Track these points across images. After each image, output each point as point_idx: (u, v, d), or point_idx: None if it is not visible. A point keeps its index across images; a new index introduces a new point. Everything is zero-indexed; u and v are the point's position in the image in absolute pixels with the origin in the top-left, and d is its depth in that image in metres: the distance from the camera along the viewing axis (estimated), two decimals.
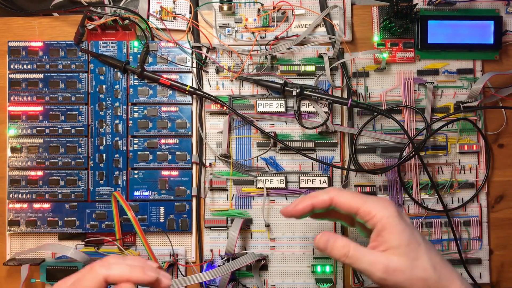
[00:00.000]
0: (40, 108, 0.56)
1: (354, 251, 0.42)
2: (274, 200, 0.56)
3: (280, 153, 0.57)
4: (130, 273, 0.39)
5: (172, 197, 0.56)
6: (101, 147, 0.56)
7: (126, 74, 0.56)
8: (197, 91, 0.55)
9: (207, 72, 0.57)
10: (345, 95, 0.56)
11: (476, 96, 0.56)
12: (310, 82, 0.57)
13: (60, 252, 0.54)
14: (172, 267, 0.55)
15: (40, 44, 0.56)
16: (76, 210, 0.55)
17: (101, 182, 0.56)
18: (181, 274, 0.55)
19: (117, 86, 0.56)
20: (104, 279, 0.38)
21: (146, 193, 0.56)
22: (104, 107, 0.56)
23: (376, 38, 0.57)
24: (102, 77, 0.56)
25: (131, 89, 0.56)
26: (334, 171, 0.56)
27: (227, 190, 0.56)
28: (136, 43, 0.56)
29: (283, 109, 0.56)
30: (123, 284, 0.39)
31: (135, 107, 0.56)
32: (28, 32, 0.58)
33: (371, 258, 0.42)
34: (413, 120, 0.56)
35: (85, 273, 0.39)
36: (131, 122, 0.56)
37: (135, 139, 0.56)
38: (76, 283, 0.39)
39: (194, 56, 0.56)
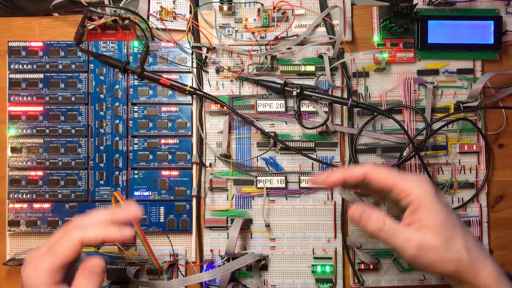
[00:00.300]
0: (40, 108, 0.56)
1: (390, 226, 0.42)
2: (274, 200, 0.56)
3: (280, 153, 0.57)
4: (105, 233, 0.39)
5: (172, 197, 0.56)
6: (101, 147, 0.56)
7: (126, 74, 0.56)
8: (197, 91, 0.55)
9: (207, 72, 0.57)
10: (345, 95, 0.56)
11: (476, 96, 0.56)
12: (310, 82, 0.57)
13: None
14: (172, 267, 0.55)
15: (40, 44, 0.56)
16: (76, 210, 0.55)
17: (101, 182, 0.56)
18: (181, 274, 0.55)
19: (117, 86, 0.56)
20: (79, 242, 0.38)
21: (146, 193, 0.56)
22: (104, 107, 0.56)
23: (376, 38, 0.57)
24: (102, 77, 0.56)
25: (131, 89, 0.56)
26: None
27: (227, 190, 0.56)
28: (136, 43, 0.56)
29: (283, 109, 0.56)
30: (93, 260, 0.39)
31: (135, 107, 0.56)
32: (28, 32, 0.58)
33: (405, 234, 0.41)
34: (413, 120, 0.56)
35: (59, 238, 0.39)
36: (131, 122, 0.56)
37: (135, 139, 0.56)
38: (51, 249, 0.39)
39: (194, 56, 0.56)
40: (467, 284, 0.42)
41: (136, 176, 0.56)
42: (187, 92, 0.55)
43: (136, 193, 0.56)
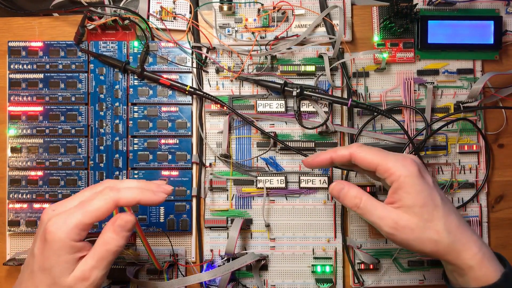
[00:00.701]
0: (40, 108, 0.56)
1: (366, 203, 0.43)
2: (274, 200, 0.56)
3: (280, 153, 0.57)
4: (141, 195, 0.39)
5: (172, 197, 0.56)
6: (101, 147, 0.56)
7: (126, 74, 0.56)
8: (197, 91, 0.55)
9: (207, 72, 0.57)
10: (345, 95, 0.56)
11: (476, 96, 0.56)
12: (310, 82, 0.57)
13: None
14: (172, 267, 0.55)
15: (40, 44, 0.56)
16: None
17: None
18: (181, 274, 0.55)
19: (117, 86, 0.56)
20: (114, 202, 0.38)
21: None
22: (104, 107, 0.56)
23: (376, 38, 0.57)
24: (102, 77, 0.56)
25: (131, 89, 0.56)
26: (334, 171, 0.56)
27: (227, 190, 0.56)
28: (136, 43, 0.56)
29: (283, 109, 0.56)
30: (125, 216, 0.38)
31: (135, 107, 0.56)
32: (28, 32, 0.58)
33: (381, 212, 0.42)
34: (413, 120, 0.56)
35: (92, 196, 0.38)
36: (131, 122, 0.56)
37: (135, 139, 0.56)
38: (83, 206, 0.38)
39: (194, 56, 0.56)
40: (450, 264, 0.42)
41: (136, 176, 0.56)
42: (187, 92, 0.55)
43: None
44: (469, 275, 0.41)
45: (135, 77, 0.56)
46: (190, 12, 0.57)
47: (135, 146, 0.56)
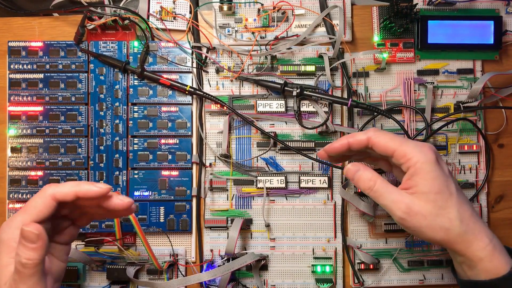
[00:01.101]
0: (40, 108, 0.56)
1: (380, 185, 0.43)
2: (274, 200, 0.56)
3: (280, 153, 0.57)
4: (77, 187, 0.39)
5: (172, 197, 0.56)
6: (101, 147, 0.56)
7: (126, 74, 0.56)
8: (197, 91, 0.55)
9: (207, 72, 0.57)
10: (345, 95, 0.56)
11: (476, 96, 0.56)
12: (310, 82, 0.57)
13: None
14: (172, 267, 0.55)
15: (40, 44, 0.56)
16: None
17: (101, 182, 0.56)
18: (181, 274, 0.55)
19: (117, 86, 0.56)
20: (51, 197, 0.38)
21: (146, 193, 0.56)
22: (104, 107, 0.56)
23: (376, 38, 0.57)
24: (102, 77, 0.56)
25: (131, 89, 0.56)
26: (334, 171, 0.56)
27: (227, 190, 0.56)
28: (136, 43, 0.56)
29: (283, 109, 0.56)
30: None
31: (135, 107, 0.56)
32: (28, 32, 0.58)
33: (395, 196, 0.42)
34: (413, 120, 0.56)
35: (35, 195, 0.39)
36: (131, 122, 0.56)
37: (135, 139, 0.56)
38: (26, 205, 0.39)
39: (194, 56, 0.56)
40: (460, 255, 0.42)
41: (136, 176, 0.56)
42: (187, 92, 0.55)
43: (136, 193, 0.56)
44: (479, 267, 0.41)
45: (135, 77, 0.56)
46: (190, 12, 0.57)
47: (135, 146, 0.56)
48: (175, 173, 0.56)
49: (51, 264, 0.41)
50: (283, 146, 0.55)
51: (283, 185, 0.56)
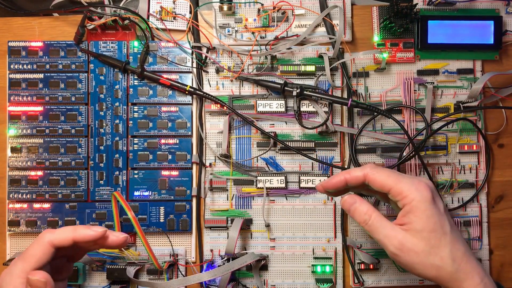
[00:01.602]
0: (40, 108, 0.56)
1: (375, 220, 0.43)
2: (274, 200, 0.56)
3: (280, 153, 0.57)
4: (74, 232, 0.40)
5: (172, 197, 0.56)
6: (101, 147, 0.56)
7: (126, 74, 0.56)
8: (197, 91, 0.55)
9: (207, 72, 0.57)
10: (345, 95, 0.56)
11: (476, 96, 0.56)
12: (310, 82, 0.57)
13: None
14: (172, 267, 0.55)
15: (40, 44, 0.56)
16: (76, 210, 0.55)
17: (101, 182, 0.56)
18: (181, 274, 0.55)
19: (117, 86, 0.56)
20: (49, 243, 0.40)
21: (146, 193, 0.56)
22: (104, 107, 0.56)
23: (376, 38, 0.57)
24: (102, 77, 0.56)
25: (131, 89, 0.56)
26: (334, 171, 0.56)
27: (227, 190, 0.56)
28: (136, 43, 0.56)
29: (283, 109, 0.56)
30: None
31: (135, 107, 0.56)
32: (28, 32, 0.58)
33: (389, 231, 0.42)
34: (413, 120, 0.56)
35: (33, 242, 0.40)
36: (131, 122, 0.56)
37: (135, 139, 0.56)
38: (24, 253, 0.40)
39: (194, 56, 0.56)
40: None
41: (136, 176, 0.56)
42: (187, 92, 0.55)
43: (136, 193, 0.56)
44: None
45: (135, 77, 0.56)
46: (190, 12, 0.57)
47: (135, 146, 0.56)
48: (175, 173, 0.56)
49: None
50: (283, 146, 0.55)
51: (283, 185, 0.56)
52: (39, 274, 0.38)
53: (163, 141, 0.56)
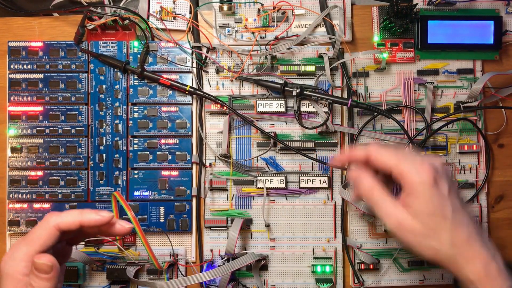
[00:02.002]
0: (40, 108, 0.56)
1: (377, 195, 0.43)
2: (274, 200, 0.56)
3: (280, 153, 0.57)
4: (81, 216, 0.39)
5: (172, 197, 0.56)
6: (101, 147, 0.56)
7: (126, 74, 0.56)
8: (197, 91, 0.55)
9: (207, 72, 0.57)
10: (345, 95, 0.56)
11: (476, 96, 0.56)
12: (310, 82, 0.57)
13: None
14: (172, 267, 0.55)
15: (40, 44, 0.56)
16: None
17: (101, 182, 0.56)
18: (181, 274, 0.55)
19: (117, 86, 0.56)
20: (55, 227, 0.38)
21: (146, 193, 0.56)
22: (104, 107, 0.56)
23: (376, 38, 0.57)
24: (102, 77, 0.56)
25: (131, 89, 0.56)
26: (334, 171, 0.56)
27: (227, 190, 0.56)
28: (136, 43, 0.56)
29: (283, 109, 0.56)
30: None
31: (135, 107, 0.56)
32: (28, 32, 0.58)
33: (389, 209, 0.42)
34: (413, 120, 0.56)
35: (37, 225, 0.39)
36: (131, 122, 0.56)
37: (135, 139, 0.56)
38: (27, 237, 0.39)
39: (194, 56, 0.56)
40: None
41: (136, 176, 0.56)
42: (187, 92, 0.55)
43: (136, 193, 0.56)
44: (472, 287, 0.41)
45: (135, 77, 0.56)
46: (190, 12, 0.57)
47: (135, 146, 0.56)
48: (175, 173, 0.56)
49: None
50: (283, 146, 0.55)
51: (283, 185, 0.56)
52: (45, 257, 0.37)
53: (163, 141, 0.56)
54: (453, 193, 0.42)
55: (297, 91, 0.54)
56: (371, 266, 0.55)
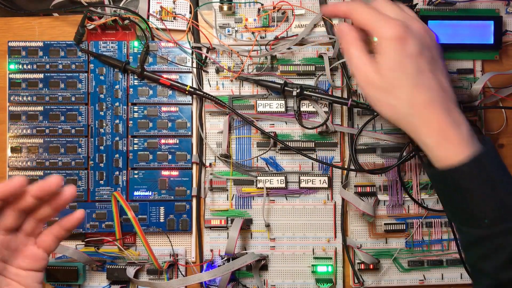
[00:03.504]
0: (40, 108, 0.56)
1: (353, 49, 0.43)
2: (274, 200, 0.56)
3: (280, 153, 0.57)
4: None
5: (172, 197, 0.56)
6: (101, 147, 0.56)
7: (126, 74, 0.56)
8: (197, 91, 0.55)
9: (207, 72, 0.57)
10: (345, 95, 0.56)
11: (476, 96, 0.55)
12: (310, 82, 0.57)
13: (60, 252, 0.54)
14: (172, 267, 0.55)
15: (40, 44, 0.56)
16: (76, 210, 0.55)
17: (101, 182, 0.56)
18: (181, 274, 0.55)
19: (117, 86, 0.56)
20: None
21: (146, 193, 0.56)
22: (104, 107, 0.56)
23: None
24: (102, 77, 0.56)
25: (131, 89, 0.56)
26: (334, 171, 0.56)
27: (227, 190, 0.56)
28: (136, 43, 0.56)
29: (283, 109, 0.56)
30: None
31: (135, 107, 0.56)
32: (28, 32, 0.57)
33: (359, 63, 0.43)
34: None
35: None
36: (131, 122, 0.56)
37: (135, 139, 0.56)
38: None
39: (194, 56, 0.56)
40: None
41: (136, 176, 0.56)
42: (187, 92, 0.55)
43: (136, 193, 0.56)
44: (430, 154, 0.41)
45: (135, 77, 0.56)
46: (190, 12, 0.57)
47: (135, 146, 0.56)
48: (175, 173, 0.56)
49: None
50: (283, 146, 0.55)
51: (283, 185, 0.56)
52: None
53: (163, 141, 0.56)
54: (425, 57, 0.42)
55: (297, 91, 0.54)
56: (371, 266, 0.55)
